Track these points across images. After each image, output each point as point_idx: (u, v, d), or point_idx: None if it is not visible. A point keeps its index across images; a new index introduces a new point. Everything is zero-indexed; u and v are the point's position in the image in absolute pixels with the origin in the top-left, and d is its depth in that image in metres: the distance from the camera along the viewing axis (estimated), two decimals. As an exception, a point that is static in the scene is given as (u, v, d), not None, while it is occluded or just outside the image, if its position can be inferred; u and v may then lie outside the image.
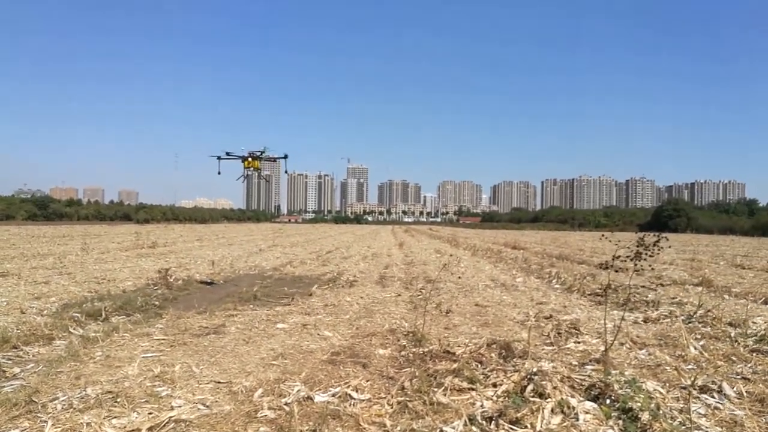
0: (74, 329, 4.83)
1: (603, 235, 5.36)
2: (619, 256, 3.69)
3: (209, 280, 8.67)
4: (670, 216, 68.53)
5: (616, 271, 3.90)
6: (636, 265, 3.70)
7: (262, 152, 11.57)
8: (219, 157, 10.90)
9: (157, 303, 6.27)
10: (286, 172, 15.47)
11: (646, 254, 3.71)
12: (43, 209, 78.21)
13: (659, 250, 3.75)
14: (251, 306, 6.32)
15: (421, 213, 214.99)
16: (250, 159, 11.21)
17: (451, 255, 15.03)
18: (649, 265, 4.35)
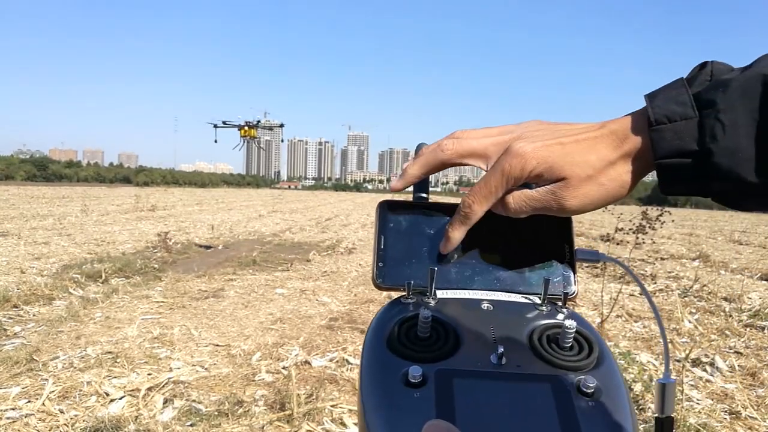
0: (74, 290, 4.86)
1: (605, 208, 5.39)
2: (621, 229, 3.68)
3: (208, 245, 8.70)
4: (670, 190, 68.20)
5: (617, 244, 3.91)
6: (637, 238, 3.69)
7: (259, 121, 11.50)
8: (215, 125, 10.81)
9: (156, 266, 6.29)
10: (282, 140, 15.55)
11: (648, 227, 3.70)
12: (42, 170, 77.89)
13: (661, 224, 3.74)
14: (250, 270, 6.35)
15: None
16: (246, 128, 11.13)
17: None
18: (651, 239, 4.35)
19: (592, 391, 0.34)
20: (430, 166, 0.46)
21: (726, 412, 2.70)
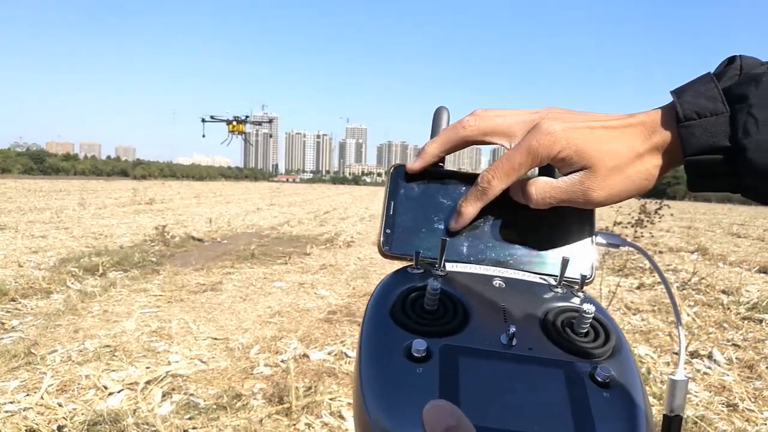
0: (72, 284, 4.85)
1: None
2: (620, 222, 3.68)
3: (206, 238, 8.69)
4: (669, 183, 68.40)
5: (616, 237, 3.91)
6: (636, 231, 3.69)
7: (247, 116, 11.50)
8: (203, 120, 10.80)
9: (154, 259, 6.28)
10: (271, 136, 15.58)
11: (647, 221, 3.70)
12: (39, 163, 77.57)
13: (660, 217, 3.74)
14: (248, 264, 6.34)
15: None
16: (234, 123, 11.14)
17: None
18: (649, 232, 4.36)
19: (607, 381, 0.32)
20: (451, 144, 0.45)
21: (723, 404, 2.71)
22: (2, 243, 7.17)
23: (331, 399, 2.59)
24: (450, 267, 0.42)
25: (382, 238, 0.44)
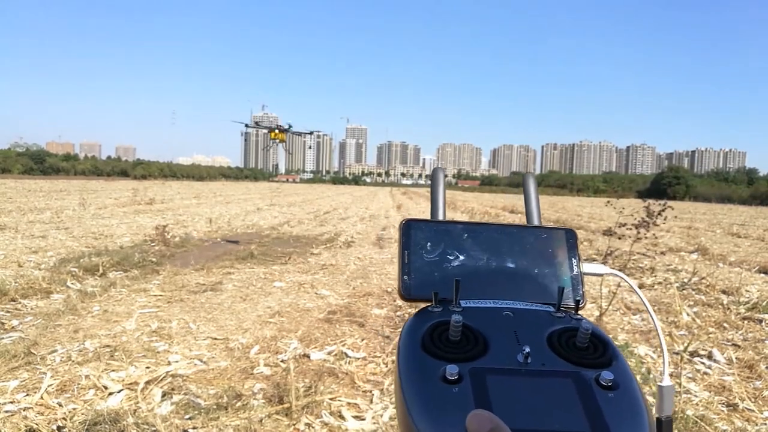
0: (72, 284, 4.85)
1: (608, 202, 5.39)
2: (625, 224, 3.67)
3: (206, 238, 8.68)
4: (669, 183, 68.39)
5: (619, 238, 3.91)
6: (639, 232, 3.69)
7: (290, 126, 11.97)
8: (247, 125, 11.22)
9: (154, 259, 6.28)
10: (310, 147, 16.11)
11: (651, 223, 3.69)
12: (39, 163, 77.60)
13: (664, 219, 3.74)
14: (248, 264, 6.34)
15: (420, 175, 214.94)
16: (276, 131, 11.54)
17: (448, 218, 15.00)
18: (653, 234, 4.35)
19: (610, 384, 0.38)
20: None
21: (723, 404, 2.71)
22: (2, 243, 7.16)
23: (331, 399, 2.59)
24: (464, 304, 0.47)
25: (401, 285, 0.50)
